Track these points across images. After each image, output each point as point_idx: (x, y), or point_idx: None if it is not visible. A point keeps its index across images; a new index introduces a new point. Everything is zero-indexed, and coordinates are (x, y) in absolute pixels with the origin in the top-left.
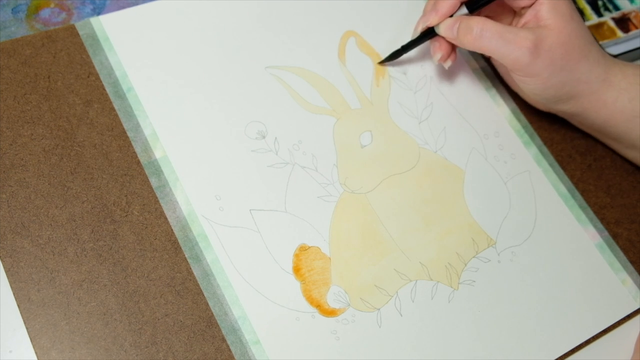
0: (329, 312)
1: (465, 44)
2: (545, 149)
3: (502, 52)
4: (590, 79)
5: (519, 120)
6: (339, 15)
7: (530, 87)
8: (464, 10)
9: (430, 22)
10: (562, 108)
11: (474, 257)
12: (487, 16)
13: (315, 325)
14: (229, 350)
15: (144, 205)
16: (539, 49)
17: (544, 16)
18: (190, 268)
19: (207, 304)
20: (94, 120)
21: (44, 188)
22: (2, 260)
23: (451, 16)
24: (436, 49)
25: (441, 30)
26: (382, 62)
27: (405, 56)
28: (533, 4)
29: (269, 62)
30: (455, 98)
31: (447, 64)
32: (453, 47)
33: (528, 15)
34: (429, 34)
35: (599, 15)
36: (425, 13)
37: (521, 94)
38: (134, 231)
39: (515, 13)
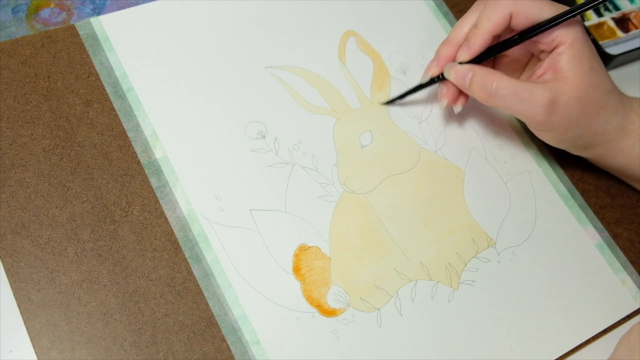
0: (329, 312)
1: (478, 98)
2: (545, 149)
3: (516, 110)
4: (607, 130)
5: (519, 120)
6: (339, 15)
7: (547, 139)
8: None
9: (461, 58)
10: (577, 153)
11: (474, 257)
12: (500, 60)
13: (315, 325)
14: (229, 350)
15: (144, 205)
16: (554, 106)
17: (562, 67)
18: (190, 268)
19: (207, 304)
20: (94, 120)
21: (44, 188)
22: (2, 260)
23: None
24: (443, 94)
25: (452, 76)
26: (386, 103)
27: (405, 56)
28: (553, 50)
29: (269, 62)
30: None
31: (458, 109)
32: (461, 91)
33: (547, 64)
34: (437, 78)
35: (599, 15)
36: (438, 57)
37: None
38: (134, 231)
39: (531, 55)
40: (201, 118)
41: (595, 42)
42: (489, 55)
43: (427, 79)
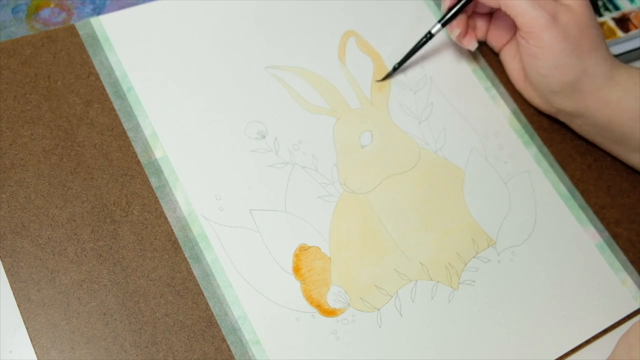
0: (329, 312)
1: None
2: (545, 149)
3: (522, 8)
4: (596, 73)
5: (519, 120)
6: (339, 15)
7: (539, 64)
8: None
9: None
10: (564, 104)
11: (474, 257)
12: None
13: (315, 325)
14: (229, 350)
15: (144, 205)
16: (557, 19)
17: None
18: (190, 268)
19: (207, 304)
20: (94, 120)
21: (44, 188)
22: (2, 260)
23: None
24: (453, 25)
25: None
26: (385, 78)
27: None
28: None
29: (269, 62)
30: (455, 98)
31: (472, 45)
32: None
33: None
34: (429, 36)
35: (599, 15)
36: None
37: (528, 93)
38: (134, 231)
39: None
40: (201, 118)
41: None
42: None
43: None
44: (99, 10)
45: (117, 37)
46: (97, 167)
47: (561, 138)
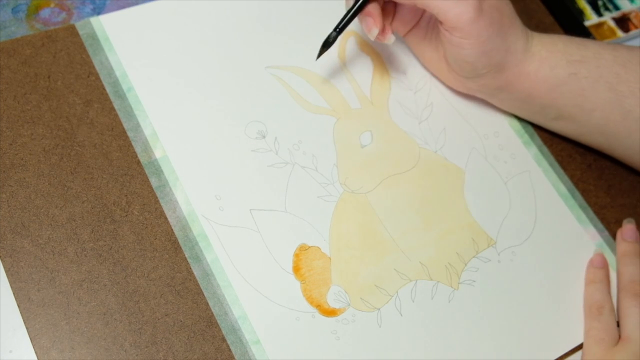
0: (329, 312)
1: None
2: (545, 149)
3: (445, 6)
4: (516, 49)
5: (519, 120)
6: (338, 15)
7: (466, 52)
8: None
9: None
10: (486, 82)
11: (474, 257)
12: None
13: (315, 325)
14: (229, 350)
15: (144, 205)
16: (482, 6)
17: None
18: (190, 268)
19: (207, 304)
20: (94, 120)
21: (44, 188)
22: (2, 260)
23: None
24: (370, 24)
25: None
26: (320, 55)
27: (405, 56)
28: None
29: (269, 62)
30: (455, 98)
31: (390, 40)
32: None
33: None
34: (361, 6)
35: (599, 15)
36: None
37: (443, 75)
38: (134, 231)
39: None
40: (201, 118)
41: None
42: None
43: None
44: (99, 10)
45: (117, 37)
46: (97, 167)
47: (561, 138)
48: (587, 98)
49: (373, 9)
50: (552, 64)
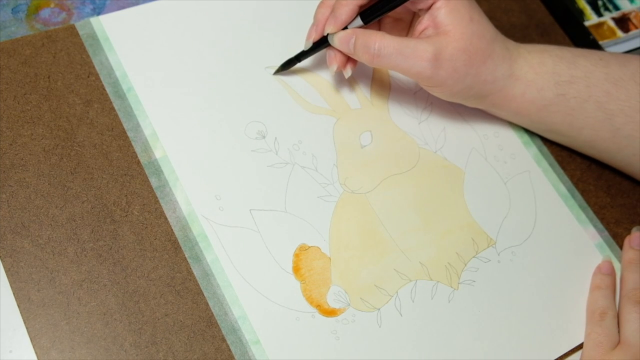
0: (329, 312)
1: (364, 61)
2: (545, 149)
3: (403, 68)
4: (496, 78)
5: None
6: None
7: (439, 94)
8: (359, 21)
9: (328, 30)
10: (471, 104)
11: (473, 257)
12: (384, 21)
13: (315, 325)
14: (229, 350)
15: (144, 205)
16: (439, 60)
17: (442, 22)
18: (190, 268)
19: (207, 304)
20: (94, 120)
21: (44, 188)
22: (2, 260)
23: (345, 27)
24: (331, 59)
25: (336, 43)
26: (276, 73)
27: None
28: (430, 6)
29: (269, 62)
30: None
31: (348, 73)
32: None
33: (426, 21)
34: (322, 43)
35: (599, 15)
36: (316, 21)
37: (426, 89)
38: (134, 231)
39: (413, 14)
40: (201, 118)
41: (595, 42)
42: (371, 18)
43: (310, 45)
44: (99, 10)
45: (117, 37)
46: (97, 167)
47: None
48: (575, 117)
49: (332, 50)
50: (539, 86)
